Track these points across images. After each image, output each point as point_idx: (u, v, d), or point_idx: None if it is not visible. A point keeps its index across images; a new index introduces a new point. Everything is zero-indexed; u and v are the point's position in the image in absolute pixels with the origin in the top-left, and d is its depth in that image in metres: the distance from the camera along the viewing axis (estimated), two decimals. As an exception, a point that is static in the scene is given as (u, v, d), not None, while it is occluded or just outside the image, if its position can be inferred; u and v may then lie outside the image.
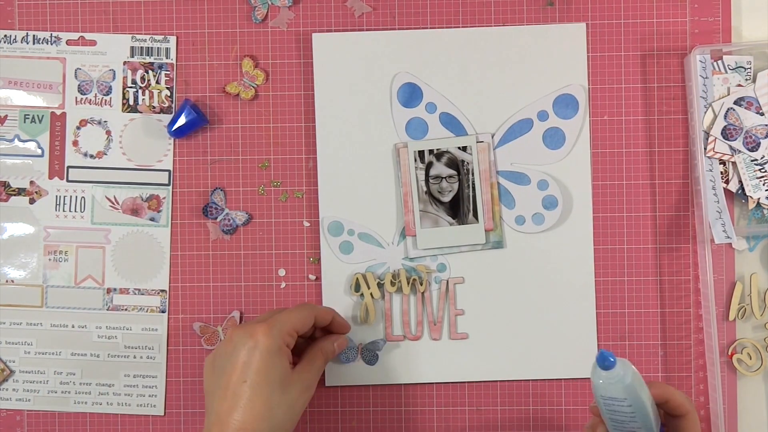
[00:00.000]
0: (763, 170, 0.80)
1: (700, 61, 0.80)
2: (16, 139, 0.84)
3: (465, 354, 0.83)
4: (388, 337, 0.83)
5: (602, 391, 0.63)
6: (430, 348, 0.83)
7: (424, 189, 0.83)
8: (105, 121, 0.84)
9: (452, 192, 0.82)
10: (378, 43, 0.83)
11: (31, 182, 0.84)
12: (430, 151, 0.83)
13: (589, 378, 0.76)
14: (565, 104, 0.83)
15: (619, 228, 0.83)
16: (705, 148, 0.81)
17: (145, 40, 0.84)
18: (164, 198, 0.84)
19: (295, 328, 0.74)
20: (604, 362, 0.62)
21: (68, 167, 0.84)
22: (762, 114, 0.80)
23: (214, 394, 0.71)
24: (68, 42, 0.84)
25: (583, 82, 0.83)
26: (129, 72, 0.84)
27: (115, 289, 0.84)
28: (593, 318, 0.83)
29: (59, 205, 0.84)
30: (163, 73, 0.84)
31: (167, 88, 0.84)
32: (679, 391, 0.67)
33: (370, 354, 0.83)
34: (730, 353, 0.82)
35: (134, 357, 0.84)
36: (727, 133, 0.80)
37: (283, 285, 0.84)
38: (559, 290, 0.83)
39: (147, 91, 0.84)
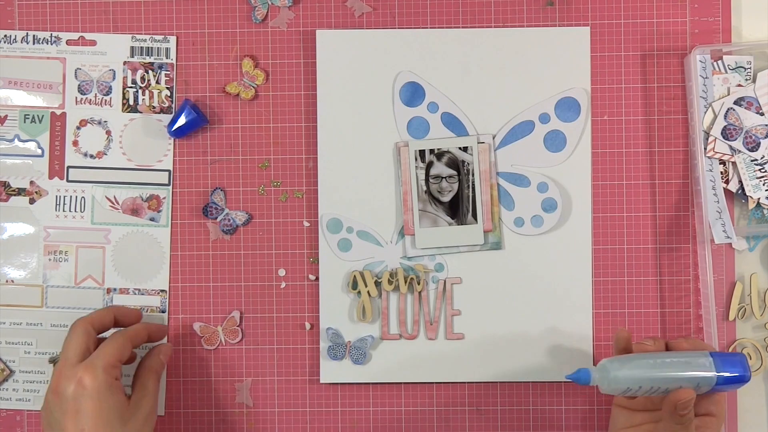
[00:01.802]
0: (763, 170, 0.80)
1: (700, 61, 0.80)
2: (16, 139, 0.84)
3: (461, 354, 0.83)
4: (384, 335, 0.83)
5: (613, 392, 0.70)
6: (426, 348, 0.83)
7: (424, 188, 0.83)
8: (105, 121, 0.84)
9: (452, 192, 0.82)
10: (381, 41, 0.83)
11: (31, 182, 0.84)
12: (431, 151, 0.83)
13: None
14: (567, 107, 0.83)
15: (619, 228, 0.83)
16: (705, 148, 0.80)
17: (145, 40, 0.84)
18: (164, 198, 0.84)
19: (115, 358, 0.73)
20: (580, 381, 0.71)
21: (68, 167, 0.84)
22: (762, 114, 0.80)
23: None
24: (68, 42, 0.84)
25: (585, 85, 0.83)
26: (129, 72, 0.84)
27: (115, 289, 0.84)
28: (590, 321, 0.83)
29: (59, 205, 0.84)
30: (163, 73, 0.84)
31: (167, 88, 0.84)
32: (710, 345, 0.73)
33: (359, 353, 0.83)
34: (730, 353, 0.82)
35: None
36: (727, 133, 0.80)
37: (283, 285, 0.84)
38: (556, 293, 0.83)
39: (147, 91, 0.84)
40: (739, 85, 0.81)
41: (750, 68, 0.81)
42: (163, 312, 0.84)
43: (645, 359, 0.70)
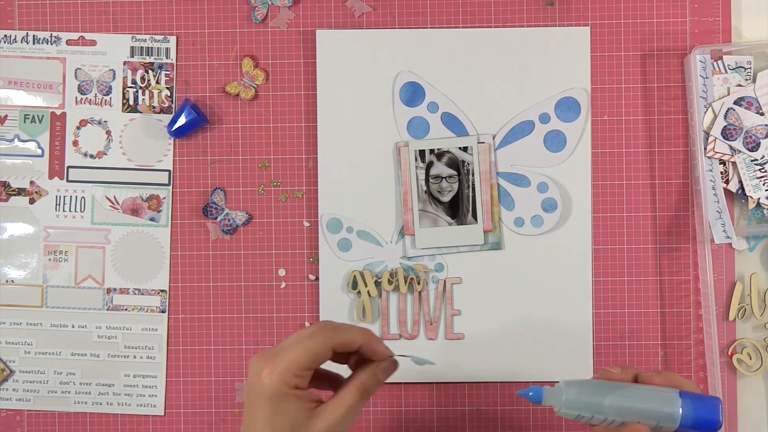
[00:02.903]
0: (763, 170, 0.80)
1: (700, 61, 0.80)
2: (16, 139, 0.84)
3: (461, 354, 0.83)
4: (384, 335, 0.83)
5: (566, 416, 0.65)
6: (426, 347, 0.83)
7: (424, 188, 0.83)
8: (105, 121, 0.84)
9: (452, 192, 0.82)
10: (382, 41, 0.83)
11: (31, 182, 0.84)
12: (431, 151, 0.83)
13: (584, 378, 0.78)
14: (567, 107, 0.83)
15: (619, 228, 0.83)
16: (705, 148, 0.80)
17: (145, 40, 0.84)
18: (164, 198, 0.84)
19: (304, 366, 0.63)
20: (531, 400, 0.64)
21: (68, 167, 0.84)
22: (762, 114, 0.80)
23: (245, 429, 0.64)
24: (68, 42, 0.84)
25: (586, 85, 0.83)
26: (129, 72, 0.84)
27: (115, 289, 0.84)
28: (590, 321, 0.83)
29: (59, 205, 0.84)
30: (163, 73, 0.84)
31: (167, 88, 0.84)
32: (689, 381, 0.66)
33: None
34: (730, 353, 0.82)
35: (134, 357, 0.84)
36: (727, 133, 0.80)
37: (283, 285, 0.84)
38: (556, 293, 0.83)
39: (147, 91, 0.84)
40: (739, 85, 0.81)
41: (750, 68, 0.81)
42: (164, 312, 0.84)
43: (604, 387, 0.64)
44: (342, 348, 0.65)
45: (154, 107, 0.84)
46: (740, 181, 0.81)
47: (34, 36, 0.84)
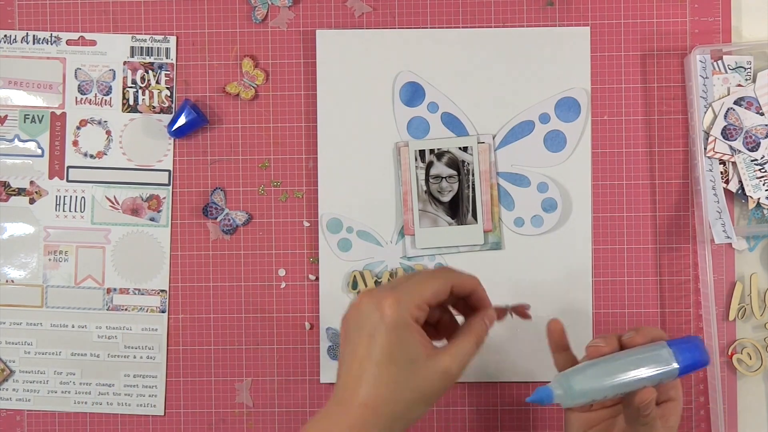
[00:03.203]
0: (763, 170, 0.80)
1: (700, 61, 0.80)
2: (16, 139, 0.84)
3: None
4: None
5: (576, 405, 0.67)
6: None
7: (424, 188, 0.83)
8: (105, 121, 0.84)
9: (452, 192, 0.82)
10: (382, 41, 0.83)
11: (31, 182, 0.84)
12: (431, 151, 0.83)
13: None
14: (567, 107, 0.83)
15: (619, 228, 0.83)
16: (705, 148, 0.80)
17: (145, 40, 0.84)
18: (164, 198, 0.84)
19: (426, 300, 0.64)
20: (543, 402, 0.66)
21: (68, 167, 0.84)
22: (762, 114, 0.80)
23: (344, 363, 0.64)
24: (68, 42, 0.84)
25: (586, 85, 0.83)
26: (129, 72, 0.84)
27: (115, 289, 0.84)
28: (590, 321, 0.83)
29: (59, 205, 0.84)
30: (163, 73, 0.84)
31: (167, 88, 0.84)
32: (659, 330, 0.69)
33: None
34: (730, 353, 0.82)
35: (134, 357, 0.84)
36: (727, 133, 0.80)
37: (283, 285, 0.84)
38: (556, 293, 0.83)
39: (147, 91, 0.84)
40: (739, 85, 0.81)
41: (750, 68, 0.81)
42: (163, 312, 0.84)
43: (604, 365, 0.66)
44: (458, 289, 0.66)
45: (154, 107, 0.84)
46: (740, 181, 0.81)
47: (34, 36, 0.84)
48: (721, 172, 0.81)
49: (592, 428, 0.72)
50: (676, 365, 0.67)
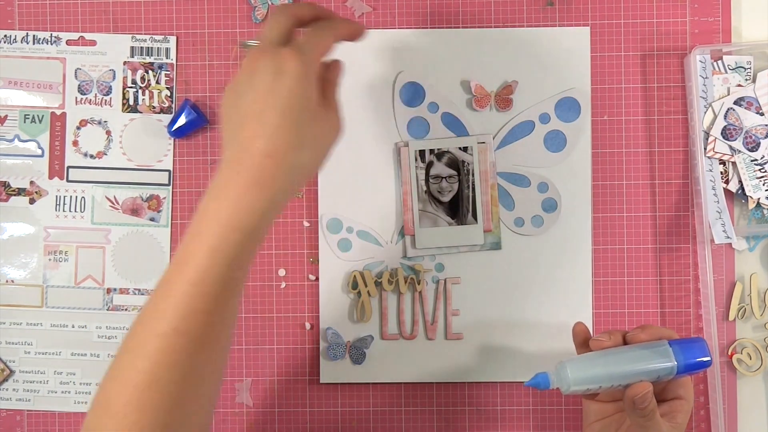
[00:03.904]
0: (763, 170, 0.80)
1: (700, 61, 0.80)
2: (16, 139, 0.84)
3: (460, 354, 0.83)
4: (384, 335, 0.83)
5: (574, 393, 0.70)
6: (425, 347, 0.83)
7: (424, 188, 0.83)
8: (105, 121, 0.84)
9: (452, 192, 0.82)
10: (382, 41, 0.83)
11: (31, 182, 0.84)
12: (431, 151, 0.83)
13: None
14: (567, 107, 0.83)
15: (619, 228, 0.83)
16: (705, 148, 0.80)
17: (145, 40, 0.84)
18: (164, 198, 0.84)
19: (322, 53, 0.66)
20: (540, 387, 0.70)
21: (68, 167, 0.84)
22: (762, 114, 0.80)
23: (235, 123, 0.63)
24: (68, 42, 0.84)
25: (586, 85, 0.83)
26: (129, 72, 0.84)
27: (115, 289, 0.84)
28: (590, 321, 0.83)
29: (59, 205, 0.84)
30: (163, 73, 0.84)
31: (167, 88, 0.84)
32: (668, 329, 0.72)
33: (358, 352, 0.83)
34: (730, 353, 0.82)
35: (134, 357, 0.84)
36: (727, 133, 0.80)
37: (283, 285, 0.84)
38: (556, 293, 0.83)
39: (147, 91, 0.84)
40: (739, 85, 0.81)
41: (750, 68, 0.81)
42: (163, 312, 0.84)
43: (603, 357, 0.69)
44: (340, 38, 0.69)
45: (154, 107, 0.84)
46: (740, 181, 0.81)
47: (34, 36, 0.84)
48: (721, 172, 0.81)
49: (606, 418, 0.74)
50: (674, 362, 0.68)
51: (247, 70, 0.63)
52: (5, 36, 0.84)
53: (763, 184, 0.80)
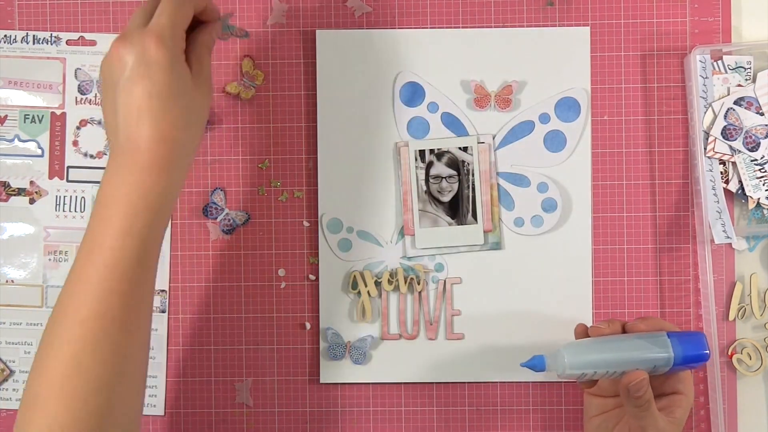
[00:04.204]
0: (763, 170, 0.80)
1: (700, 61, 0.80)
2: (16, 139, 0.84)
3: (460, 354, 0.83)
4: (384, 335, 0.83)
5: (569, 377, 0.72)
6: (426, 348, 0.83)
7: (424, 188, 0.83)
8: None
9: (452, 192, 0.82)
10: (381, 41, 0.83)
11: (31, 182, 0.84)
12: (431, 151, 0.83)
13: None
14: (567, 107, 0.83)
15: (619, 228, 0.83)
16: (705, 148, 0.80)
17: (145, 40, 0.84)
18: (164, 198, 0.84)
19: (183, 28, 0.67)
20: (535, 369, 0.72)
21: (68, 167, 0.84)
22: (762, 114, 0.80)
23: (117, 115, 0.65)
24: (68, 42, 0.84)
25: (585, 85, 0.83)
26: (129, 72, 0.84)
27: (115, 289, 0.84)
28: (590, 321, 0.83)
29: (59, 205, 0.84)
30: (163, 73, 0.84)
31: (167, 88, 0.84)
32: (669, 322, 0.74)
33: (358, 352, 0.83)
34: (730, 353, 0.82)
35: (134, 357, 0.84)
36: (727, 133, 0.80)
37: (283, 285, 0.84)
38: (556, 293, 0.83)
39: (147, 91, 0.84)
40: (739, 85, 0.81)
41: (750, 68, 0.81)
42: (164, 312, 0.84)
43: (600, 343, 0.71)
44: (197, 10, 0.69)
45: (154, 107, 0.84)
46: (740, 181, 0.81)
47: (34, 36, 0.84)
48: (721, 172, 0.81)
49: (607, 412, 0.75)
50: (671, 354, 0.70)
51: (117, 62, 0.65)
52: (5, 36, 0.84)
53: (763, 184, 0.80)
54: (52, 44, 0.84)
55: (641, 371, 0.69)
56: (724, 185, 0.81)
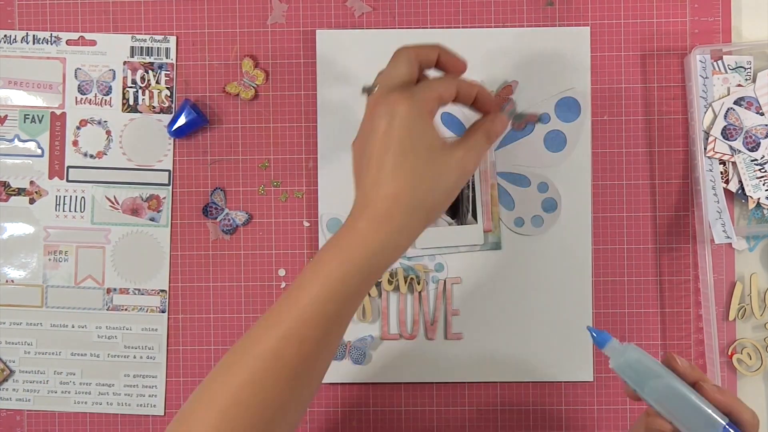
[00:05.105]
0: (763, 170, 0.80)
1: (700, 61, 0.80)
2: (16, 139, 0.84)
3: (460, 354, 0.83)
4: (384, 335, 0.83)
5: (617, 369, 0.65)
6: (426, 347, 0.83)
7: (424, 189, 0.82)
8: (105, 121, 0.84)
9: (452, 192, 0.82)
10: (382, 41, 0.83)
11: (31, 182, 0.84)
12: (430, 151, 0.82)
13: (584, 381, 0.78)
14: (567, 107, 0.83)
15: (619, 228, 0.83)
16: (705, 148, 0.81)
17: (145, 40, 0.84)
18: (164, 198, 0.84)
19: (439, 95, 0.66)
20: (595, 341, 0.66)
21: (68, 167, 0.84)
22: (762, 114, 0.80)
23: (360, 172, 0.67)
24: (68, 42, 0.84)
25: (585, 85, 0.83)
26: (129, 72, 0.84)
27: (115, 289, 0.84)
28: (590, 321, 0.83)
29: (59, 205, 0.84)
30: (163, 73, 0.84)
31: (167, 88, 0.84)
32: (748, 407, 0.64)
33: (358, 353, 0.83)
34: (730, 353, 0.82)
35: (134, 357, 0.84)
36: (727, 133, 0.80)
37: (283, 285, 0.84)
38: (555, 293, 0.83)
39: (147, 91, 0.84)
40: (739, 85, 0.81)
41: (750, 68, 0.81)
42: (163, 312, 0.84)
43: (663, 372, 0.64)
44: (462, 96, 0.68)
45: (154, 107, 0.84)
46: (740, 181, 0.81)
47: (34, 36, 0.84)
48: (721, 172, 0.81)
49: None
50: None
51: (368, 116, 0.66)
52: (5, 36, 0.84)
53: (763, 184, 0.80)
54: (52, 44, 0.84)
55: (669, 426, 0.64)
56: (724, 185, 0.81)
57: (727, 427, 0.62)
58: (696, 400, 0.63)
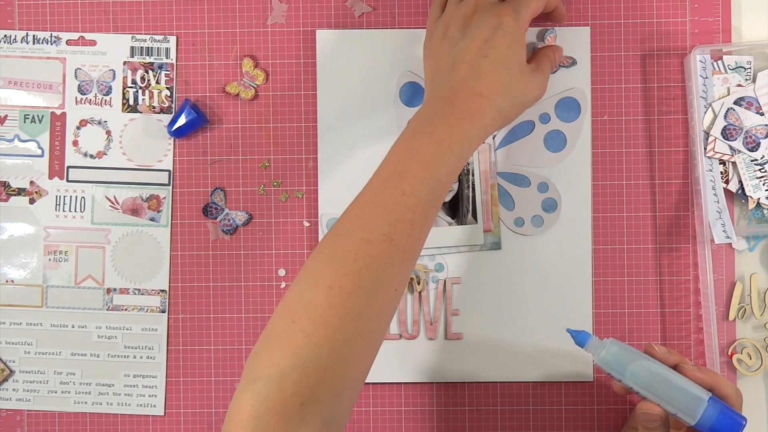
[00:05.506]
0: (763, 170, 0.80)
1: (700, 61, 0.80)
2: (16, 139, 0.84)
3: (460, 354, 0.83)
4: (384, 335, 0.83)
5: (601, 364, 0.69)
6: (426, 348, 0.83)
7: (424, 189, 0.82)
8: (105, 121, 0.84)
9: (452, 192, 0.82)
10: (382, 41, 0.83)
11: (31, 182, 0.84)
12: (430, 151, 0.82)
13: (584, 381, 0.78)
14: (567, 107, 0.83)
15: (619, 228, 0.83)
16: (705, 148, 0.81)
17: (145, 40, 0.84)
18: (164, 198, 0.84)
19: (535, 13, 0.74)
20: (575, 340, 0.70)
21: (68, 167, 0.84)
22: (762, 114, 0.80)
23: (445, 65, 0.72)
24: (68, 42, 0.84)
25: (585, 85, 0.83)
26: (129, 72, 0.84)
27: (115, 289, 0.84)
28: (590, 321, 0.83)
29: (59, 205, 0.84)
30: (163, 73, 0.84)
31: (167, 88, 0.84)
32: (729, 382, 0.69)
33: None
34: (730, 353, 0.82)
35: (134, 357, 0.84)
36: (727, 133, 0.80)
37: (283, 285, 0.84)
38: (555, 293, 0.83)
39: (147, 91, 0.84)
40: (739, 85, 0.81)
41: (750, 68, 0.81)
42: (163, 312, 0.84)
43: (644, 360, 0.67)
44: (548, 7, 0.77)
45: (154, 107, 0.84)
46: (740, 181, 0.81)
47: (34, 36, 0.84)
48: (721, 172, 0.81)
49: None
50: (696, 419, 0.66)
51: (461, 21, 0.73)
52: (5, 36, 0.84)
53: (763, 184, 0.80)
54: (52, 44, 0.84)
55: (658, 408, 0.66)
56: (724, 185, 0.81)
57: (708, 399, 0.66)
58: (679, 380, 0.67)
